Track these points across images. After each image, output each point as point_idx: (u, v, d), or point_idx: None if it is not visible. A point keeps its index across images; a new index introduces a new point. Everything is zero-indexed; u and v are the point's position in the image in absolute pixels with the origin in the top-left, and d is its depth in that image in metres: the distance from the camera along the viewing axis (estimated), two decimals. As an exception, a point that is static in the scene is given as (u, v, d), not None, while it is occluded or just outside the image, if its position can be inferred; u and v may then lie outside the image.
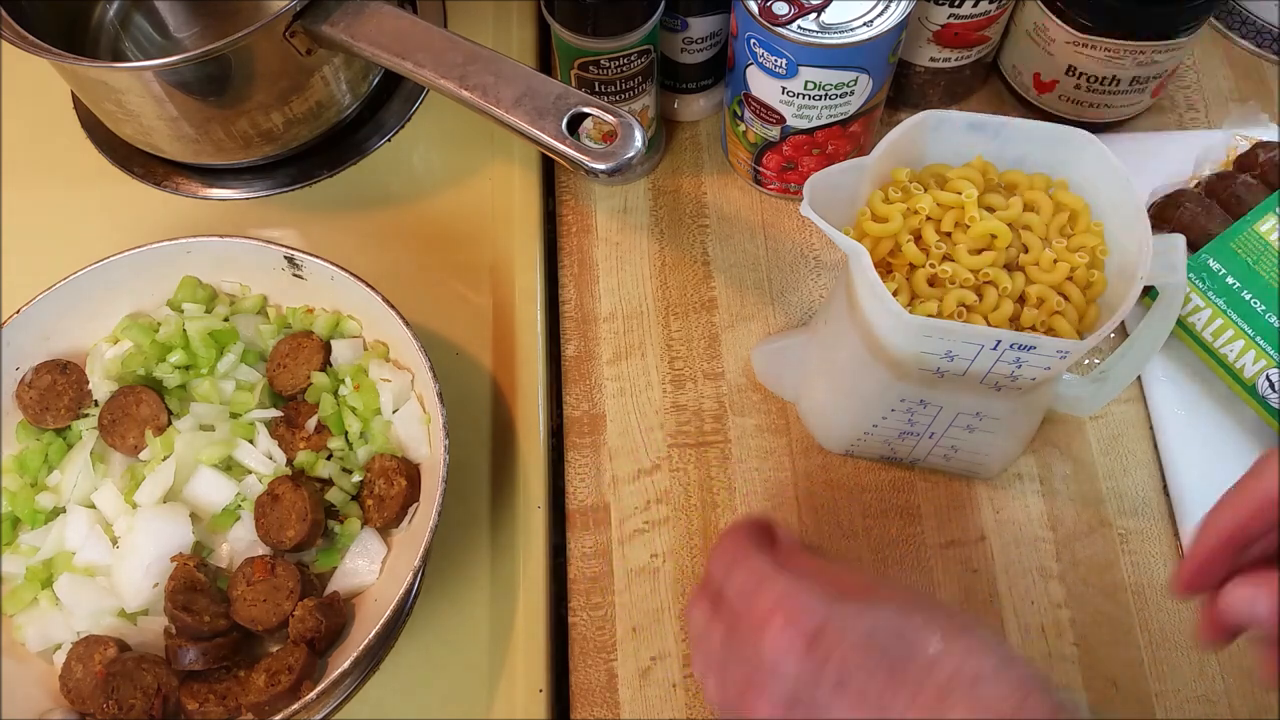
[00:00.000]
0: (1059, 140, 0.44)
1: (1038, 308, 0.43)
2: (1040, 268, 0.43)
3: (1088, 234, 0.44)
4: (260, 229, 0.61)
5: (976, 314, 0.42)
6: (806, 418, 0.56)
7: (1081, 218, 0.44)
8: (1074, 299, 0.43)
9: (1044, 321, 0.42)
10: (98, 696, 0.46)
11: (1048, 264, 0.43)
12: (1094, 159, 0.43)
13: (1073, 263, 0.43)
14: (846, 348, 0.48)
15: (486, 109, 0.51)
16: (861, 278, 0.41)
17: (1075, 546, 0.54)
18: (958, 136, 0.44)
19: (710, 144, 0.66)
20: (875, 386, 0.47)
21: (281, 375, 0.54)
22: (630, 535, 0.55)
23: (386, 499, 0.51)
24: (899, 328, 0.41)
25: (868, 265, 0.40)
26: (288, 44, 0.55)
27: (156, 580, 0.49)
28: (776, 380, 0.57)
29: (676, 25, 0.59)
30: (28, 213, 0.64)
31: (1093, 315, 0.43)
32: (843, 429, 0.53)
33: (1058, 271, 0.43)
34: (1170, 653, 0.51)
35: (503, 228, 0.63)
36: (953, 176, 0.44)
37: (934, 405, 0.47)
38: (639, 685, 0.51)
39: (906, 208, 0.43)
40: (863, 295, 0.43)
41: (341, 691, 0.50)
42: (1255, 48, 0.68)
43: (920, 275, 0.43)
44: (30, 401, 0.53)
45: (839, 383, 0.51)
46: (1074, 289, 0.43)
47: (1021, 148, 0.45)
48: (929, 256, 0.43)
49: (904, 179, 0.44)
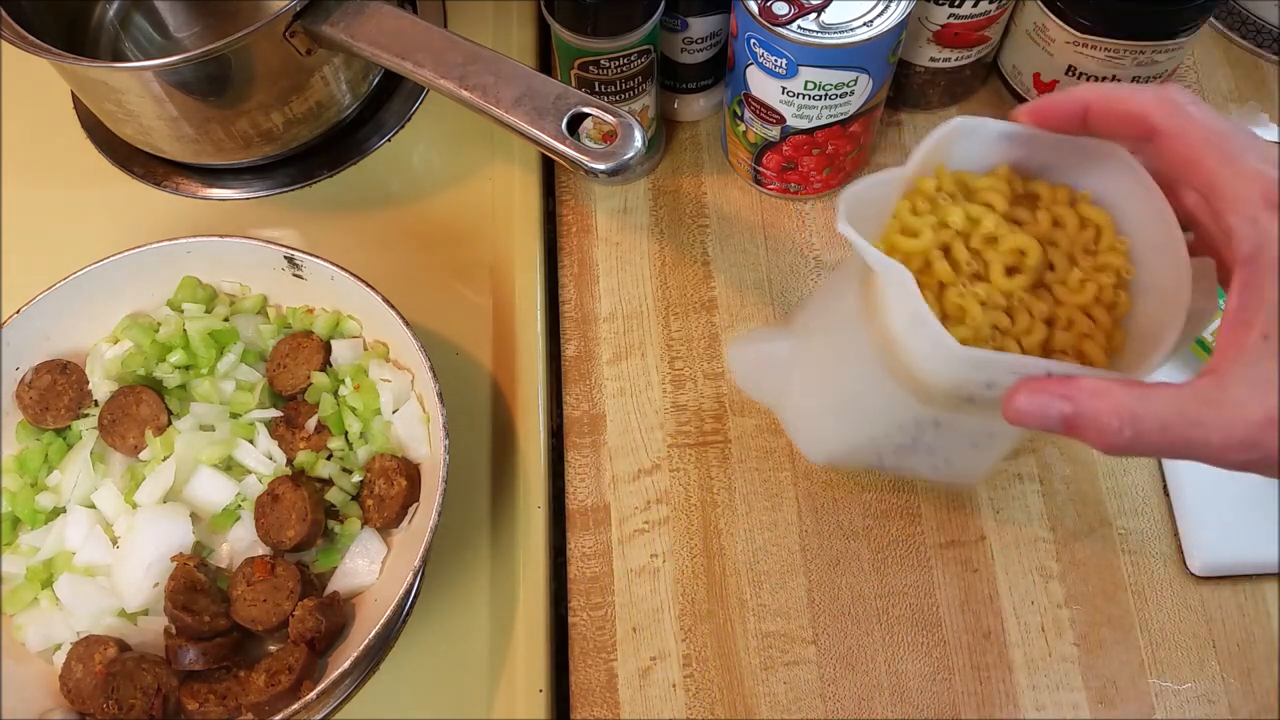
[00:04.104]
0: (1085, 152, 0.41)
1: (1067, 330, 0.40)
2: (1068, 287, 0.40)
3: (1112, 251, 0.41)
4: (260, 229, 0.61)
5: (1009, 337, 0.40)
6: (787, 424, 0.53)
7: (1106, 233, 0.41)
8: (1101, 321, 0.40)
9: (1073, 345, 0.40)
10: (98, 696, 0.46)
11: (1075, 284, 0.40)
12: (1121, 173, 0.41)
13: (1100, 283, 0.40)
14: (852, 363, 0.45)
15: (486, 109, 0.51)
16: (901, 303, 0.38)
17: (1075, 546, 0.54)
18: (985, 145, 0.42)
19: (710, 144, 0.66)
20: (886, 406, 0.44)
21: (281, 375, 0.54)
22: (630, 535, 0.55)
23: (386, 499, 0.51)
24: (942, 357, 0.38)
25: (914, 291, 0.37)
26: (288, 44, 0.55)
27: (156, 580, 0.49)
28: (754, 384, 0.54)
29: (676, 25, 0.59)
30: (28, 213, 0.64)
31: (1119, 338, 0.40)
32: (834, 442, 0.51)
33: (1086, 292, 0.40)
34: (1170, 653, 0.51)
35: (503, 228, 0.63)
36: (980, 187, 0.42)
37: (949, 427, 0.45)
38: (639, 685, 0.51)
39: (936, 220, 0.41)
40: (895, 319, 0.40)
41: (341, 691, 0.50)
42: (1255, 48, 0.68)
43: (951, 295, 0.40)
44: (30, 401, 0.53)
45: (837, 398, 0.48)
46: (1101, 311, 0.40)
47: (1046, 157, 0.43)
48: (959, 274, 0.40)
49: (930, 189, 0.41)
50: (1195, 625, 0.52)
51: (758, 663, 0.52)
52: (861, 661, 0.52)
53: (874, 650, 0.52)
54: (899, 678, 0.51)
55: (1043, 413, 0.34)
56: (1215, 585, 0.53)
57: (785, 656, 0.52)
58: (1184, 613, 0.52)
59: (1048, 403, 0.34)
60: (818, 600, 0.53)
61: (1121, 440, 0.32)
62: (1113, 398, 0.33)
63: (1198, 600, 0.52)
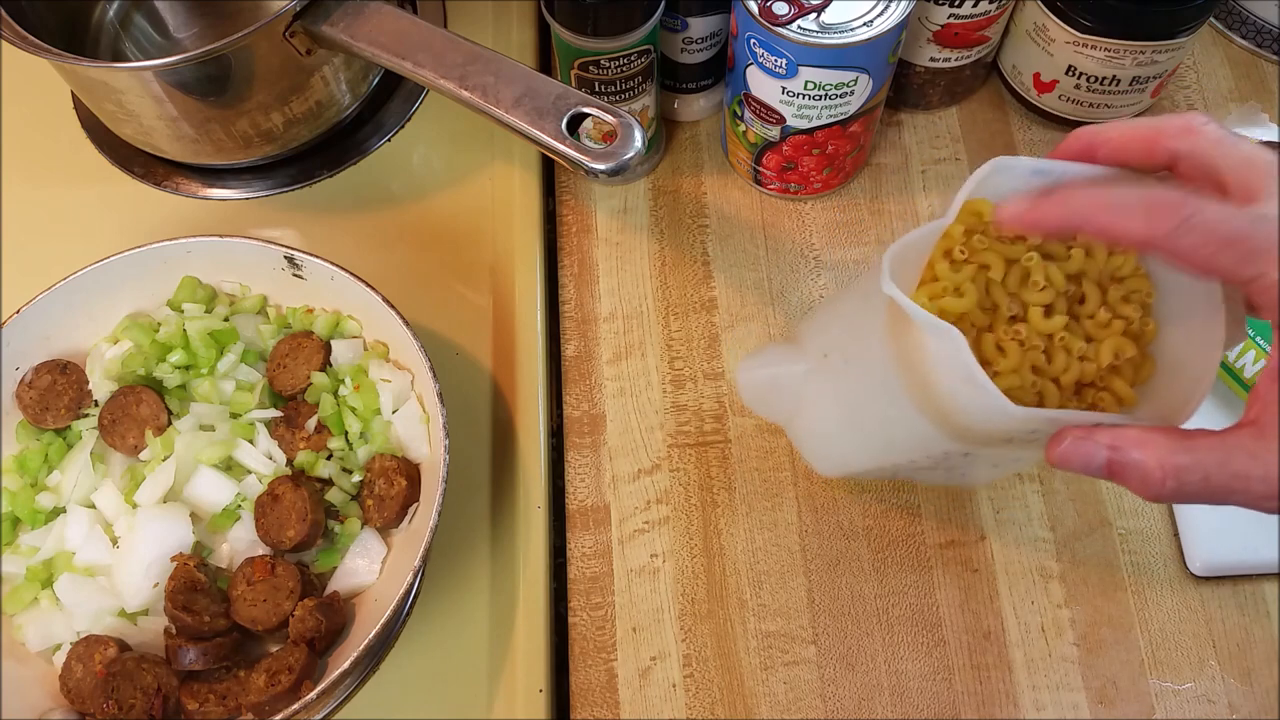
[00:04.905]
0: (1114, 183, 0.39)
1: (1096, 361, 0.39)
2: (1096, 321, 0.39)
3: (1136, 277, 0.40)
4: (260, 229, 0.61)
5: (1045, 377, 0.39)
6: (798, 442, 0.52)
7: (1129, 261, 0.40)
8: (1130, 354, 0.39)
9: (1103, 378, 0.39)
10: (98, 696, 0.46)
11: (1105, 318, 0.39)
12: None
13: (1129, 315, 0.39)
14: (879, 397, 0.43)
15: (486, 109, 0.51)
16: (951, 363, 0.36)
17: (1075, 546, 0.54)
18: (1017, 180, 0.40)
19: (710, 144, 0.66)
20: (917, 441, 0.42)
21: (281, 375, 0.54)
22: (630, 535, 0.55)
23: (386, 499, 0.51)
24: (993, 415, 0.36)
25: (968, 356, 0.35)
26: (288, 44, 0.55)
27: (157, 580, 0.49)
28: (764, 404, 0.52)
29: (676, 25, 0.59)
30: (28, 213, 0.64)
31: (1148, 369, 0.40)
32: (854, 464, 0.49)
33: (1115, 325, 0.39)
34: (1170, 653, 0.51)
35: (503, 228, 0.63)
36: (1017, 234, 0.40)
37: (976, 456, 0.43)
38: (639, 685, 0.51)
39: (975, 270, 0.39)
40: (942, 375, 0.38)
41: (341, 691, 0.50)
42: (1255, 48, 0.68)
43: (989, 340, 0.39)
44: (30, 401, 0.53)
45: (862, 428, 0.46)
46: (1127, 343, 0.39)
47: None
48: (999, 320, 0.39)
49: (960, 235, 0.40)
50: (1195, 625, 0.52)
51: (758, 663, 0.52)
52: (861, 661, 0.52)
53: (874, 650, 0.52)
54: (899, 678, 0.51)
55: (1087, 461, 0.34)
56: (1215, 585, 0.53)
57: (785, 656, 0.52)
58: (1184, 613, 0.52)
59: (1093, 451, 0.34)
60: (818, 600, 0.53)
61: (1165, 490, 0.33)
62: (1156, 448, 0.33)
63: (1198, 600, 0.52)
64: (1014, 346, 0.39)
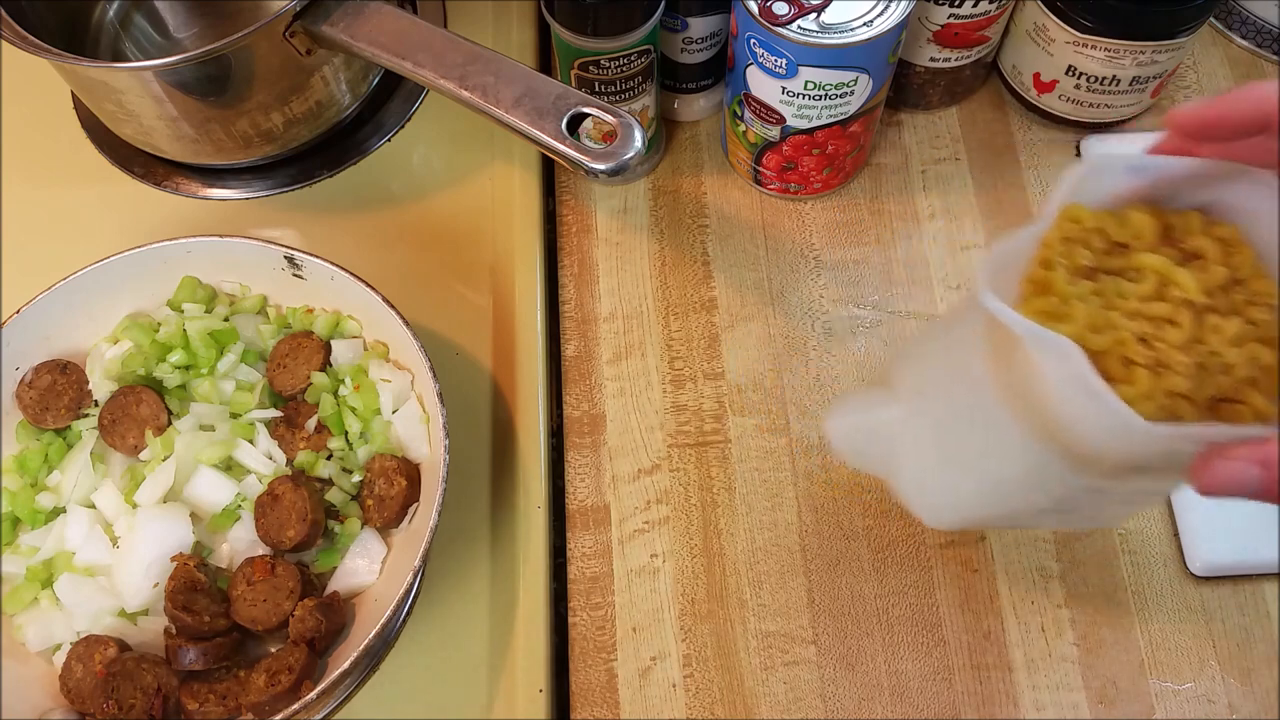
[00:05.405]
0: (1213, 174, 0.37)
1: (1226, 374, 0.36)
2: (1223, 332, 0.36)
3: (1256, 277, 0.37)
4: (260, 229, 0.61)
5: (1179, 397, 0.35)
6: (903, 493, 0.46)
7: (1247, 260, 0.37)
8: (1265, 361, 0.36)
9: (1238, 390, 0.35)
10: (98, 696, 0.46)
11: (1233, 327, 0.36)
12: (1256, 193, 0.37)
13: (1258, 320, 0.36)
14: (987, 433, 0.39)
15: (486, 109, 0.51)
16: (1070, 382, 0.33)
17: (1075, 546, 0.54)
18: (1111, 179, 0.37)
19: (710, 144, 0.66)
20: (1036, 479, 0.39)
21: (281, 375, 0.54)
22: (630, 535, 0.55)
23: (386, 499, 0.51)
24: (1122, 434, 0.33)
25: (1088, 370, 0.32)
26: (288, 44, 0.55)
27: (156, 580, 0.49)
28: (859, 456, 0.48)
29: (676, 25, 0.60)
30: (28, 213, 0.64)
31: None
32: (960, 509, 0.44)
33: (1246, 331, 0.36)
34: (1170, 653, 0.51)
35: (503, 228, 0.63)
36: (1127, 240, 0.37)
37: (1105, 492, 0.39)
38: (639, 685, 0.51)
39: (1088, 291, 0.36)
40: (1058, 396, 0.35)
41: (341, 691, 0.50)
42: (1255, 48, 0.68)
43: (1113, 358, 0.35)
44: (30, 401, 0.53)
45: (973, 471, 0.42)
46: (1262, 349, 0.35)
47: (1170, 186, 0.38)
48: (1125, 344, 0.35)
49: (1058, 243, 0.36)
50: (1195, 625, 0.52)
51: (758, 663, 0.52)
52: (861, 661, 0.52)
53: (874, 650, 0.52)
54: (899, 678, 0.51)
55: (1238, 481, 0.32)
56: (1215, 585, 0.53)
57: (785, 656, 0.52)
58: (1184, 613, 0.52)
59: (1244, 469, 0.32)
60: (818, 600, 0.53)
61: None
62: None
63: (1198, 600, 0.52)
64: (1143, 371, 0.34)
